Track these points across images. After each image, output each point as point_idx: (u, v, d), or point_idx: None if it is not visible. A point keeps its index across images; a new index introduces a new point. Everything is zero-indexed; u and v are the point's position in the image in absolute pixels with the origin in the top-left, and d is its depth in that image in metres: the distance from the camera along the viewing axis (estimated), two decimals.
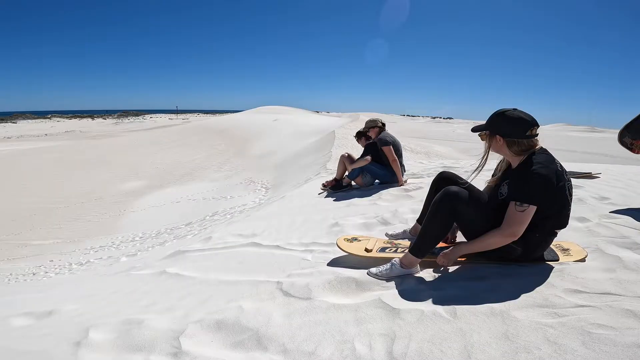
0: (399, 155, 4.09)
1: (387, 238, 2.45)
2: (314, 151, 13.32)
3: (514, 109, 1.80)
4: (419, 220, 2.37)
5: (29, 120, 53.79)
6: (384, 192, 4.01)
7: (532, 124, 1.76)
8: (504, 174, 1.91)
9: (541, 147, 1.80)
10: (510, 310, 1.46)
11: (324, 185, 4.49)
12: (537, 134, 1.78)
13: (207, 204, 10.16)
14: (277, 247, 2.69)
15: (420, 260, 1.89)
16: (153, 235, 7.68)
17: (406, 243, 2.27)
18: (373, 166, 4.12)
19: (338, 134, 15.63)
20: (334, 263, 2.17)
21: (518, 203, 1.65)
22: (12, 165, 17.65)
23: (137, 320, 1.80)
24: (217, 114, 63.82)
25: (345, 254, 2.18)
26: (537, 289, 1.61)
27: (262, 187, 11.01)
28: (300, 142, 18.24)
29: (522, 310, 1.47)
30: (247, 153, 19.32)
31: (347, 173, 4.28)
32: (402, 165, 4.21)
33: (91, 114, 71.37)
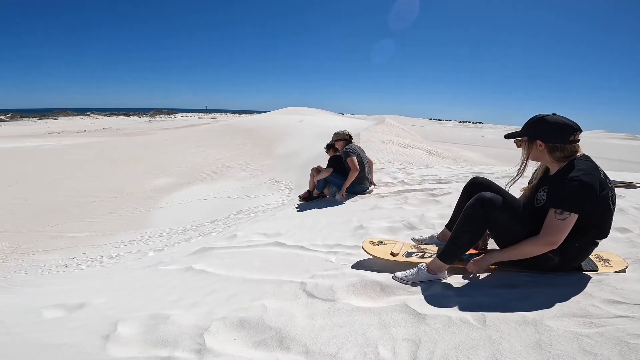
0: (362, 168, 4.13)
1: (413, 242, 2.40)
2: None
3: (553, 114, 1.72)
4: (447, 226, 2.30)
5: (70, 117, 57.05)
6: (409, 195, 3.93)
7: (575, 128, 1.67)
8: (540, 181, 1.82)
9: (583, 154, 1.71)
10: (543, 319, 1.40)
11: (299, 197, 4.66)
12: (579, 139, 1.69)
13: (232, 203, 10.37)
14: (301, 247, 2.69)
15: (448, 266, 1.83)
16: (179, 231, 7.91)
17: (433, 248, 2.22)
18: (335, 177, 4.22)
19: (363, 137, 15.52)
20: (358, 266, 2.15)
21: (558, 211, 1.57)
22: (52, 159, 18.75)
23: (164, 316, 1.84)
24: (244, 114, 65.23)
25: (370, 257, 2.15)
26: (573, 298, 1.54)
27: (285, 187, 11.10)
28: (324, 144, 18.27)
29: (556, 319, 1.40)
30: (272, 153, 19.57)
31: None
32: (366, 179, 4.27)
33: (127, 111, 74.84)
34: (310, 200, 4.48)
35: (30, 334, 1.92)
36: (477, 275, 1.85)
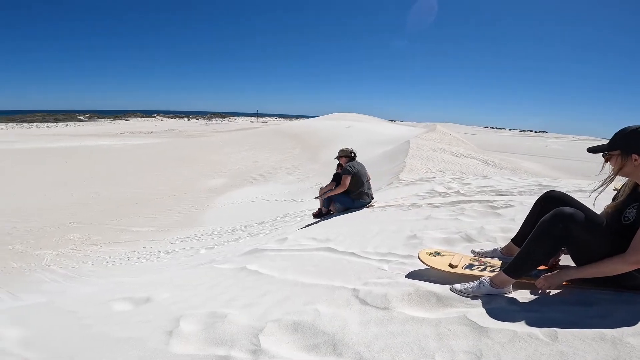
0: (361, 184, 4.33)
1: (473, 255, 2.30)
2: (386, 160, 13.06)
3: None
4: (514, 240, 2.17)
5: (139, 118, 62.65)
6: (466, 206, 3.74)
7: None
8: (629, 197, 1.66)
9: None
10: (623, 337, 1.29)
11: (313, 214, 4.96)
12: None
13: (279, 205, 10.64)
14: (352, 254, 2.65)
15: (514, 281, 1.74)
16: (229, 231, 8.27)
17: (496, 262, 2.11)
18: (334, 195, 4.47)
19: (413, 144, 15.11)
20: (412, 275, 2.09)
21: None
22: (123, 157, 20.72)
23: (221, 314, 1.89)
24: (292, 119, 66.87)
25: (425, 267, 2.08)
26: None
27: None
28: (372, 151, 18.08)
29: (638, 337, 1.28)
30: (319, 158, 19.81)
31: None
32: (366, 194, 4.41)
33: (187, 114, 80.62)
34: (321, 217, 4.68)
35: (100, 326, 2.03)
36: (547, 291, 1.74)
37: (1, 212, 11.12)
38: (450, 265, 2.02)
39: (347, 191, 4.38)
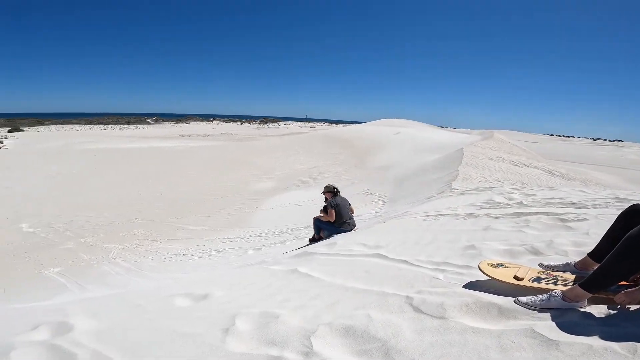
0: (341, 216, 5.10)
1: (541, 268, 2.17)
2: (438, 168, 12.54)
3: None
4: (591, 254, 2.02)
5: (198, 122, 66.99)
6: (530, 218, 3.47)
7: None
8: None
9: None
10: None
11: (309, 240, 5.69)
12: None
13: None
14: (404, 261, 2.57)
15: (590, 295, 1.65)
16: (276, 233, 8.47)
17: (568, 276, 1.98)
18: (320, 223, 5.28)
19: (467, 152, 14.34)
20: (471, 286, 1.99)
21: None
22: (183, 159, 22.27)
23: (274, 315, 1.92)
24: (340, 124, 67.09)
25: (486, 278, 1.98)
26: None
27: (379, 199, 10.94)
28: (422, 158, 17.50)
29: None
30: (366, 164, 19.63)
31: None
32: (347, 223, 5.13)
33: (240, 118, 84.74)
34: (314, 242, 5.31)
35: (162, 321, 2.13)
36: (627, 307, 1.62)
37: (79, 206, 12.52)
38: (516, 278, 1.94)
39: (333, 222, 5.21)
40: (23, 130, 40.38)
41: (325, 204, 5.38)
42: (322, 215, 5.26)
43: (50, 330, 2.01)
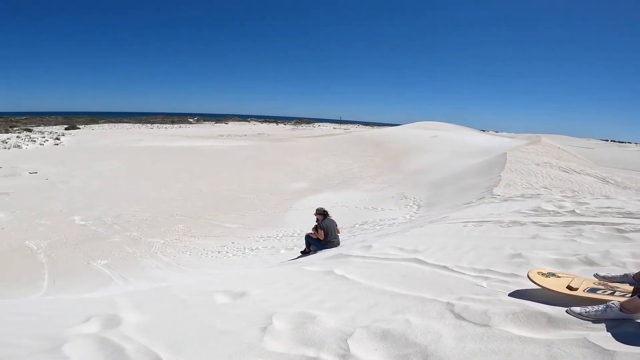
0: (330, 234, 5.69)
1: (596, 279, 2.04)
2: (477, 173, 12.00)
3: None
4: None
5: (236, 122, 68.98)
6: (584, 228, 3.22)
7: None
8: None
9: None
10: None
11: (301, 252, 6.26)
12: None
13: (358, 213, 10.58)
14: (444, 267, 2.48)
15: None
16: None
17: (627, 287, 1.87)
18: (311, 239, 5.89)
19: (510, 157, 13.59)
20: (517, 295, 1.90)
21: None
22: (222, 158, 23.06)
23: (310, 315, 1.92)
24: (375, 126, 66.21)
25: (534, 287, 1.89)
26: None
27: (414, 203, 10.66)
28: (461, 162, 16.82)
29: None
30: (401, 168, 19.23)
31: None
32: (331, 242, 5.67)
33: (275, 119, 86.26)
34: (306, 254, 5.87)
35: (204, 317, 2.12)
36: None
37: (127, 200, 13.34)
38: (569, 288, 1.84)
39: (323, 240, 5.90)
40: (79, 128, 43.73)
41: (316, 224, 6.03)
42: (312, 233, 5.93)
43: (101, 323, 2.03)
